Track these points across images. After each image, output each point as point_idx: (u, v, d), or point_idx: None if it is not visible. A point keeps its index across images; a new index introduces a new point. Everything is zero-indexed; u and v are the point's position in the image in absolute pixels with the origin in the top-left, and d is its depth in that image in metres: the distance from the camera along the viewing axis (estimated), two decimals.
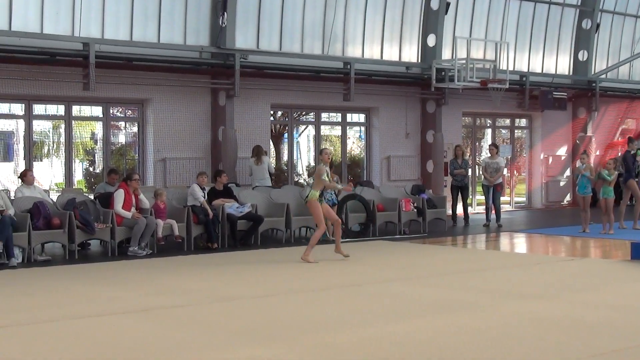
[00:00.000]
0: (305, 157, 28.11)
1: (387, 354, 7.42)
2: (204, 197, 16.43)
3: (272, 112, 22.38)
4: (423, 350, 7.53)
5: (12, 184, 20.55)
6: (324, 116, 24.03)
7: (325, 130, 25.65)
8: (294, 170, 23.43)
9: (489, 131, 28.79)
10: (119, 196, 15.27)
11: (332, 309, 9.67)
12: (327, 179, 14.20)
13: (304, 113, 24.53)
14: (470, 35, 24.44)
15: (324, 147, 19.28)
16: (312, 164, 25.21)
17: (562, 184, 28.23)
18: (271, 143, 23.10)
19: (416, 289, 11.11)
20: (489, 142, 25.95)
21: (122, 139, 22.48)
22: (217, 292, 10.91)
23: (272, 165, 20.31)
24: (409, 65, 23.74)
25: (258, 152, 19.55)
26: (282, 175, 21.82)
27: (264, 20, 21.15)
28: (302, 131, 27.64)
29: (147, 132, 20.08)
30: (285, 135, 24.58)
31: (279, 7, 21.35)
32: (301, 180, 25.14)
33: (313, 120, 23.76)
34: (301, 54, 21.67)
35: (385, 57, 23.37)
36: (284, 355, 7.38)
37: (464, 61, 22.32)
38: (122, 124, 22.42)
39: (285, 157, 24.60)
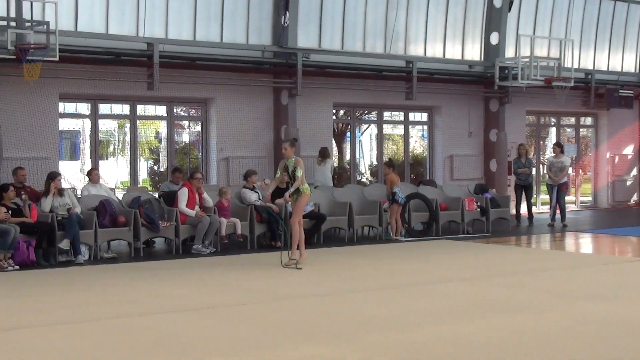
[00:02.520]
0: (367, 156, 28.04)
1: (449, 354, 7.37)
2: (259, 197, 16.40)
3: (334, 111, 22.38)
4: (485, 351, 7.46)
5: (79, 182, 20.85)
6: (386, 115, 23.96)
7: (387, 129, 25.58)
8: (356, 169, 23.40)
9: (553, 130, 28.41)
10: (183, 195, 15.41)
11: (394, 308, 9.63)
12: (300, 171, 13.24)
13: (366, 112, 24.48)
14: (534, 33, 24.15)
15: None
16: (375, 162, 25.16)
17: (628, 183, 27.74)
18: (333, 142, 23.10)
19: (479, 289, 11.01)
20: (554, 140, 25.61)
21: (185, 137, 22.70)
22: (280, 291, 10.93)
23: (334, 165, 20.31)
24: (472, 64, 23.54)
25: (324, 154, 19.59)
26: (344, 175, 21.81)
27: (326, 19, 21.15)
28: (365, 130, 27.58)
29: (210, 131, 20.22)
30: (348, 134, 24.56)
31: (340, 6, 21.33)
32: (363, 179, 25.10)
33: (375, 119, 23.71)
34: (363, 52, 21.63)
35: (447, 56, 23.20)
36: (347, 354, 7.37)
37: (527, 59, 22.05)
38: (186, 123, 22.65)
39: (347, 156, 24.59)
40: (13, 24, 16.60)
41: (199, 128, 20.89)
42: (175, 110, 20.44)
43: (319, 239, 16.65)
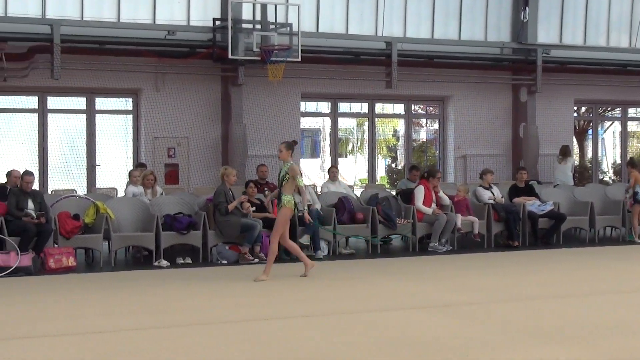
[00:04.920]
0: (610, 154, 26.88)
1: None
2: (494, 196, 16.07)
3: (575, 108, 21.60)
4: None
5: (319, 179, 21.32)
6: (631, 112, 22.81)
7: (632, 126, 24.35)
8: (598, 168, 22.47)
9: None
10: (420, 193, 15.32)
11: (633, 313, 9.11)
12: (301, 181, 11.62)
13: (609, 109, 23.45)
14: None
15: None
16: (618, 161, 24.06)
17: None
18: (574, 139, 22.31)
19: None
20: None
21: (423, 135, 22.69)
22: (514, 291, 10.62)
23: (575, 163, 19.61)
24: None
25: (565, 152, 18.95)
26: (585, 173, 21.02)
27: (567, 14, 20.45)
28: (608, 127, 26.44)
29: (447, 129, 20.11)
30: (589, 131, 23.63)
31: (583, 0, 20.55)
32: (606, 178, 24.05)
33: (619, 116, 22.66)
34: (607, 47, 20.72)
35: None
36: (582, 357, 7.03)
37: None
38: (423, 120, 22.63)
39: (589, 154, 23.66)
40: (258, 26, 17.20)
41: (436, 126, 20.83)
42: (413, 108, 20.48)
43: (558, 239, 16.09)
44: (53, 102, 17.82)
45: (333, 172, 16.21)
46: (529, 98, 19.99)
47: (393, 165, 24.94)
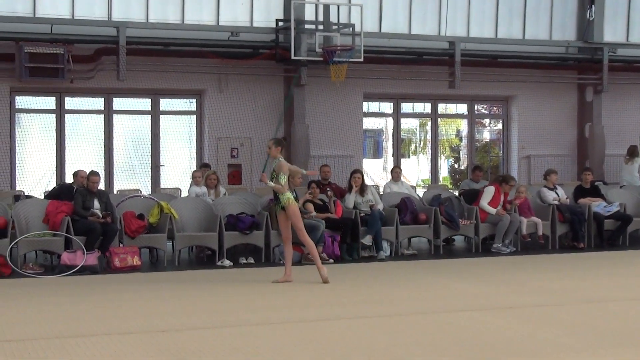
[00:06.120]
0: None
1: None
2: (558, 197, 15.83)
3: None
4: None
5: (381, 179, 21.28)
6: None
7: None
8: None
9: None
10: (489, 193, 15.06)
11: None
12: (283, 178, 11.17)
13: None
14: None
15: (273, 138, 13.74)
16: None
17: None
18: None
19: None
20: None
21: (486, 135, 22.49)
22: (582, 293, 10.45)
23: None
24: None
25: (632, 152, 18.58)
26: None
27: (634, 12, 20.11)
28: None
29: (511, 129, 19.93)
30: None
31: None
32: None
33: None
34: None
35: None
36: None
37: None
38: (487, 120, 22.44)
39: None
40: (321, 27, 17.23)
41: (500, 126, 20.64)
42: (476, 108, 20.33)
43: (624, 240, 15.79)
44: (119, 103, 18.06)
45: (396, 172, 16.14)
46: (595, 97, 19.69)
47: (456, 165, 24.81)
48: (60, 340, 7.62)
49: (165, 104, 18.44)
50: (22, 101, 17.50)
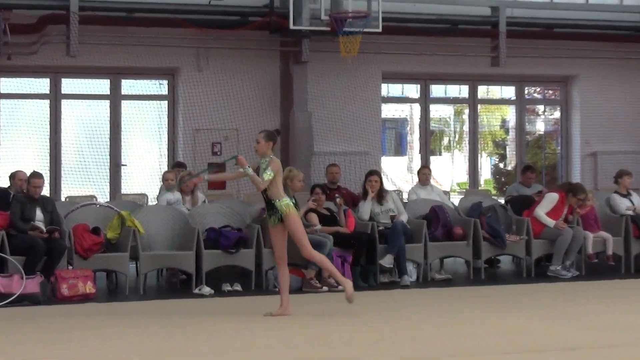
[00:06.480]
0: None
1: None
2: (634, 205, 15.75)
3: None
4: None
5: (406, 183, 21.21)
6: None
7: None
8: None
9: None
10: (549, 201, 14.93)
11: None
12: (268, 174, 10.89)
13: None
14: None
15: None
16: None
17: None
18: None
19: None
20: None
21: (539, 127, 22.49)
22: None
23: None
24: None
25: None
26: None
27: None
28: None
29: (572, 119, 19.95)
30: None
31: None
32: None
33: None
34: None
35: None
36: None
37: None
38: (540, 108, 22.41)
39: None
40: None
41: (557, 114, 20.63)
42: (526, 92, 20.31)
43: None
44: (69, 85, 18.04)
45: (424, 174, 16.12)
46: None
47: (501, 165, 24.78)
48: None
49: (128, 86, 18.45)
50: None
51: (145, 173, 18.05)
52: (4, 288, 11.97)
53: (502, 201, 16.46)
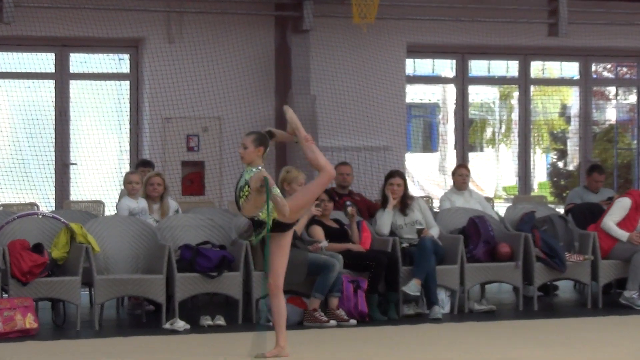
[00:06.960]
0: None
1: None
2: None
3: None
4: None
5: (437, 187, 21.32)
6: None
7: None
8: None
9: None
10: (621, 207, 15.02)
11: None
12: (277, 189, 10.67)
13: None
14: None
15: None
16: None
17: None
18: None
19: None
20: None
21: (610, 115, 22.51)
22: None
23: None
24: None
25: None
26: None
27: None
28: None
29: None
30: None
31: None
32: None
33: None
34: None
35: None
36: None
37: None
38: (612, 90, 22.43)
39: None
40: None
41: (632, 99, 20.66)
42: (593, 69, 20.33)
43: None
44: (3, 61, 18.15)
45: (461, 175, 16.16)
46: None
47: (560, 164, 24.83)
48: None
49: (78, 61, 18.51)
50: None
51: (101, 174, 18.11)
52: None
53: (562, 211, 16.51)
